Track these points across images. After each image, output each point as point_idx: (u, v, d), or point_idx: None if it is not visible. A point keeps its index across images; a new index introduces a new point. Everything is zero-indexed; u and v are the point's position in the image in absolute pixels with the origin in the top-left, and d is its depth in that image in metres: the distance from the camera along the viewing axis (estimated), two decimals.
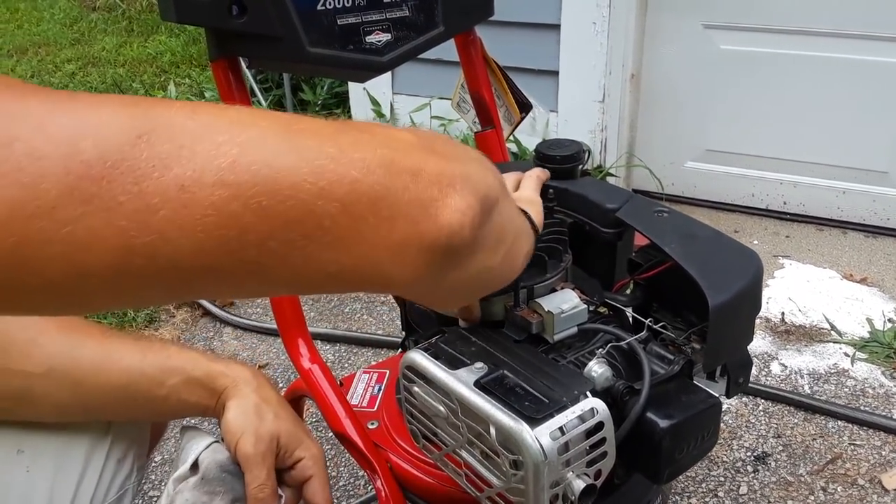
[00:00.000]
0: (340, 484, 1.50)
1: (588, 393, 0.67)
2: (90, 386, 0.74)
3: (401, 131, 0.44)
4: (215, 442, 0.78)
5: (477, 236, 0.44)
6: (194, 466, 0.76)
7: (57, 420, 0.76)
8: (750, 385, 1.66)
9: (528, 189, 0.73)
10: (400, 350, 1.09)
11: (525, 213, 0.61)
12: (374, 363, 1.37)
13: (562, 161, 0.91)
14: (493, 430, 0.64)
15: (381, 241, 0.40)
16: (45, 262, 0.34)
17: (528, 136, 2.51)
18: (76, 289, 0.36)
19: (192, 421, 1.19)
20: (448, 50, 1.12)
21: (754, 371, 1.76)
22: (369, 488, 1.45)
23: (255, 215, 0.36)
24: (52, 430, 0.75)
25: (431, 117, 2.65)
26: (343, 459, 1.55)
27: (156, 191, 0.34)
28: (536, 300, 0.77)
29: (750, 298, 0.76)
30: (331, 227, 0.38)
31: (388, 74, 2.75)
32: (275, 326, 1.17)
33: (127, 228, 0.34)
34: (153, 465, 1.55)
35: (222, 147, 0.36)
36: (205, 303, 2.03)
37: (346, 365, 1.85)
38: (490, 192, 0.45)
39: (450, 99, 1.23)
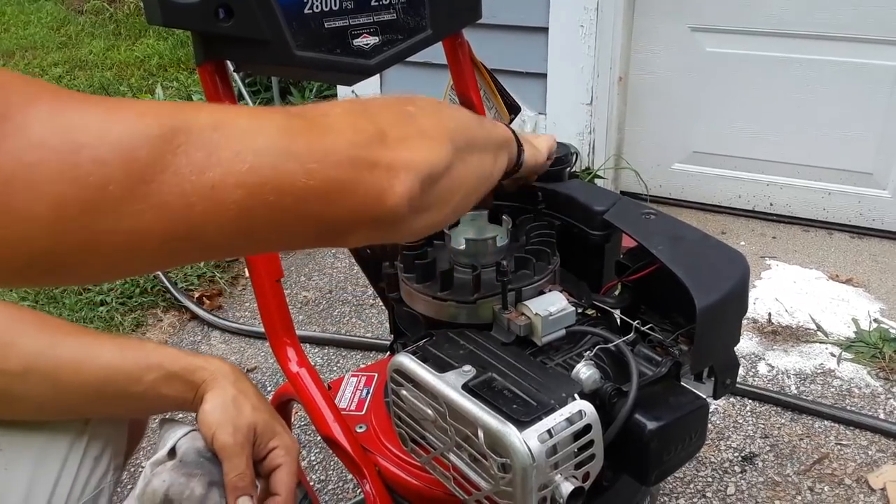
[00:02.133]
0: (329, 488, 1.50)
1: (576, 395, 0.67)
2: (69, 384, 0.75)
3: (364, 120, 0.55)
4: (193, 430, 0.79)
5: (419, 206, 0.56)
6: (172, 452, 0.77)
7: (36, 418, 0.76)
8: (737, 385, 1.68)
9: (539, 137, 0.85)
10: (389, 353, 1.09)
11: (521, 148, 0.75)
12: (362, 366, 1.37)
13: (552, 164, 0.91)
14: (480, 434, 0.64)
15: (347, 217, 0.52)
16: (110, 248, 0.42)
17: None
18: (124, 263, 0.45)
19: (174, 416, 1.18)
20: (437, 52, 1.12)
21: (741, 371, 1.77)
22: (358, 492, 1.45)
23: (265, 207, 0.47)
24: (30, 429, 0.76)
25: None
26: (332, 463, 1.54)
27: (193, 191, 0.44)
28: (524, 303, 0.77)
29: (737, 300, 0.77)
30: (315, 210, 0.50)
31: (377, 77, 2.75)
32: (262, 330, 1.16)
33: (172, 220, 0.43)
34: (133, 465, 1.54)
35: (240, 155, 0.46)
36: (192, 306, 2.03)
37: (336, 368, 1.85)
38: (434, 169, 0.57)
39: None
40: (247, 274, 1.93)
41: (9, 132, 0.39)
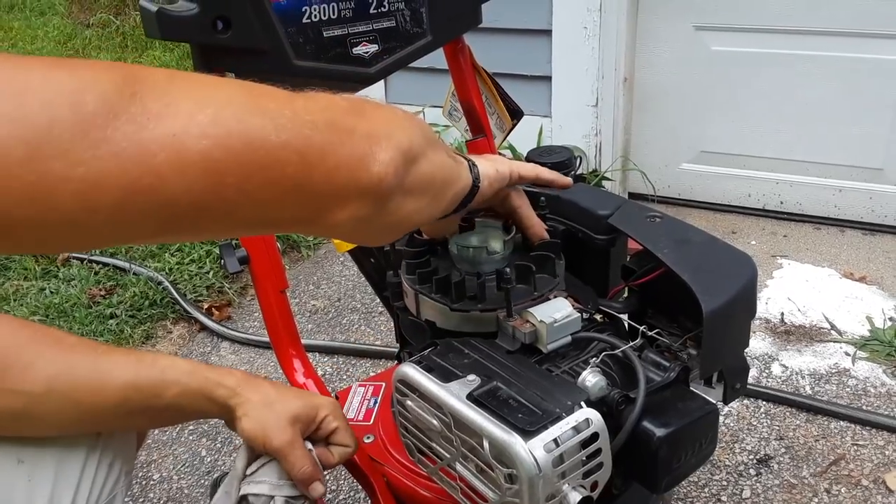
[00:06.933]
0: (341, 498, 1.49)
1: (582, 403, 0.66)
2: (89, 404, 0.76)
3: (337, 98, 0.54)
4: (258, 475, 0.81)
5: (403, 182, 0.55)
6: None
7: (55, 435, 0.77)
8: (751, 387, 1.66)
9: (502, 160, 0.82)
10: (396, 362, 1.08)
11: (471, 162, 0.73)
12: (370, 376, 1.37)
13: (553, 168, 0.90)
14: (486, 444, 0.63)
15: (327, 189, 0.50)
16: (62, 197, 0.40)
17: (521, 140, 2.51)
18: (86, 224, 0.42)
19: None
20: (441, 58, 1.11)
21: (755, 372, 1.75)
22: (369, 502, 1.44)
23: (234, 161, 0.45)
24: (48, 440, 0.77)
25: None
26: (342, 472, 1.54)
27: (152, 138, 0.42)
28: (529, 310, 0.76)
29: (744, 303, 0.75)
30: (291, 174, 0.47)
31: (381, 83, 2.76)
32: None
33: (131, 170, 0.41)
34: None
35: (201, 105, 0.44)
36: (202, 318, 2.03)
37: (345, 377, 1.84)
38: (413, 145, 0.56)
39: (442, 107, 1.22)
40: None
41: None
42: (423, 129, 0.60)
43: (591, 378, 0.70)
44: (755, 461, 1.50)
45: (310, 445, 0.81)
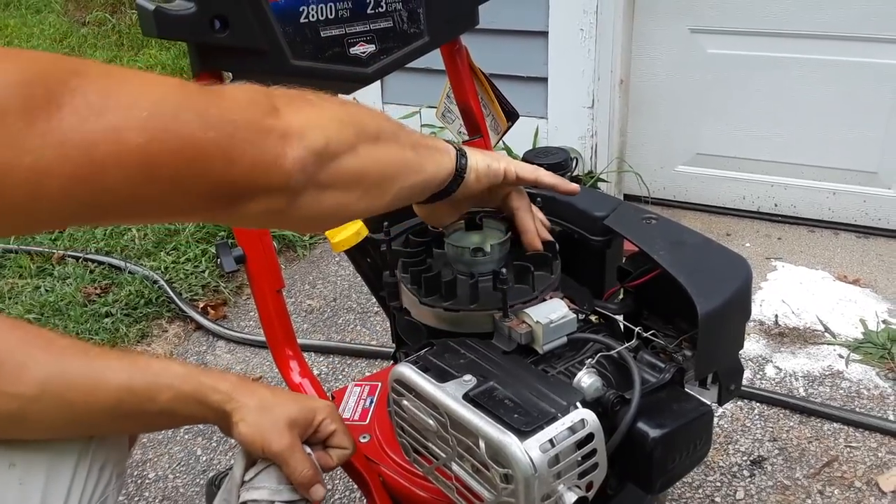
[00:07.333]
0: (336, 497, 1.49)
1: (578, 404, 0.66)
2: (82, 406, 0.75)
3: (261, 96, 0.57)
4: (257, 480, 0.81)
5: (316, 179, 0.58)
6: None
7: (48, 438, 0.77)
8: (745, 388, 1.66)
9: (500, 156, 0.83)
10: (392, 362, 1.08)
11: (461, 153, 0.75)
12: (365, 375, 1.37)
13: (549, 169, 0.91)
14: (482, 444, 0.63)
15: (245, 182, 0.54)
16: (9, 186, 0.42)
17: (517, 141, 2.51)
18: (29, 210, 0.45)
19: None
20: (438, 59, 1.12)
21: (749, 374, 1.75)
22: (364, 502, 1.44)
23: (168, 154, 0.48)
24: (40, 444, 0.76)
25: (421, 126, 2.65)
26: (338, 472, 1.54)
27: (96, 129, 0.45)
28: (525, 310, 0.76)
29: (739, 304, 0.76)
30: (216, 168, 0.51)
31: (377, 84, 2.76)
32: None
33: (75, 159, 0.44)
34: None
35: (139, 101, 0.47)
36: (197, 317, 2.02)
37: (341, 377, 1.84)
38: (330, 143, 0.59)
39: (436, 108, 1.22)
40: None
41: None
42: (357, 126, 0.63)
43: (586, 379, 0.70)
44: (749, 462, 1.50)
45: (308, 449, 0.81)
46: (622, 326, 0.86)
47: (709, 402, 0.76)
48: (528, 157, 0.96)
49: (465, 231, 0.87)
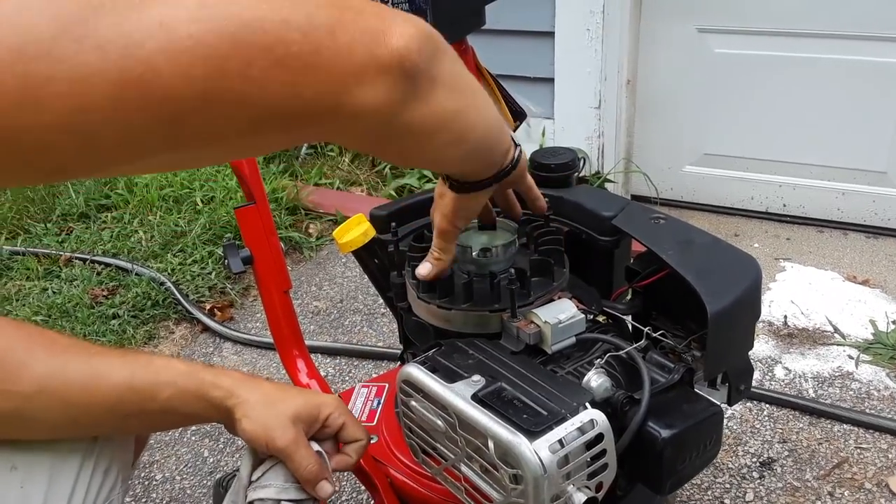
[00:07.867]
0: (343, 499, 1.49)
1: (587, 404, 0.66)
2: (81, 405, 0.74)
3: None
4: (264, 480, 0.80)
5: (430, 67, 0.50)
6: None
7: (49, 438, 0.76)
8: (754, 390, 1.65)
9: None
10: (399, 363, 1.08)
11: (517, 142, 0.68)
12: (373, 377, 1.37)
13: (556, 169, 0.91)
14: (491, 444, 0.63)
15: (343, 67, 0.45)
16: (50, 98, 0.38)
17: (524, 142, 2.51)
18: (82, 126, 0.40)
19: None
20: None
21: (758, 375, 1.74)
22: (372, 503, 1.44)
23: (231, 44, 0.41)
24: (43, 446, 0.76)
25: None
26: (345, 474, 1.54)
27: (138, 27, 0.40)
28: (533, 310, 0.76)
29: (749, 304, 0.75)
30: (298, 53, 0.43)
31: None
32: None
33: (118, 62, 0.39)
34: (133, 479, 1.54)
35: None
36: (204, 318, 2.03)
37: (347, 378, 1.84)
38: (430, 31, 0.50)
39: None
40: None
41: None
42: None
43: (595, 379, 0.70)
44: (758, 464, 1.49)
45: (316, 445, 0.79)
46: (631, 327, 0.86)
47: (718, 403, 0.75)
48: (536, 157, 0.96)
49: (475, 231, 0.87)
